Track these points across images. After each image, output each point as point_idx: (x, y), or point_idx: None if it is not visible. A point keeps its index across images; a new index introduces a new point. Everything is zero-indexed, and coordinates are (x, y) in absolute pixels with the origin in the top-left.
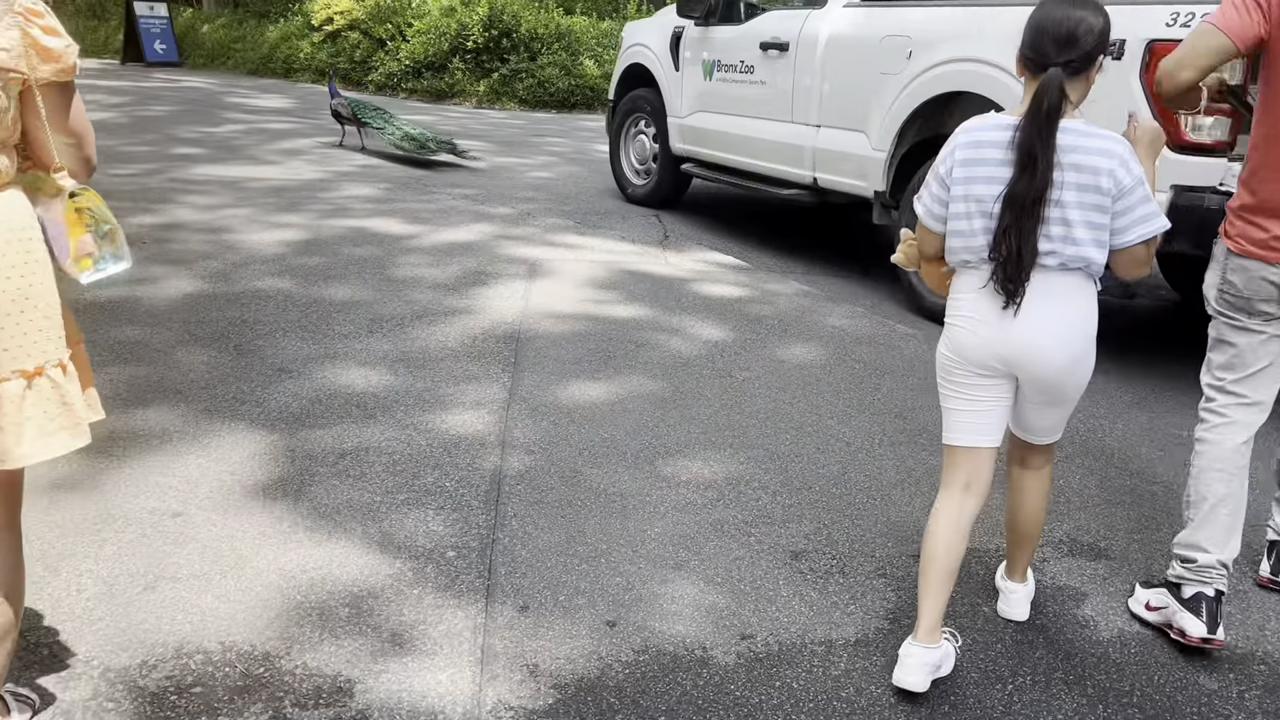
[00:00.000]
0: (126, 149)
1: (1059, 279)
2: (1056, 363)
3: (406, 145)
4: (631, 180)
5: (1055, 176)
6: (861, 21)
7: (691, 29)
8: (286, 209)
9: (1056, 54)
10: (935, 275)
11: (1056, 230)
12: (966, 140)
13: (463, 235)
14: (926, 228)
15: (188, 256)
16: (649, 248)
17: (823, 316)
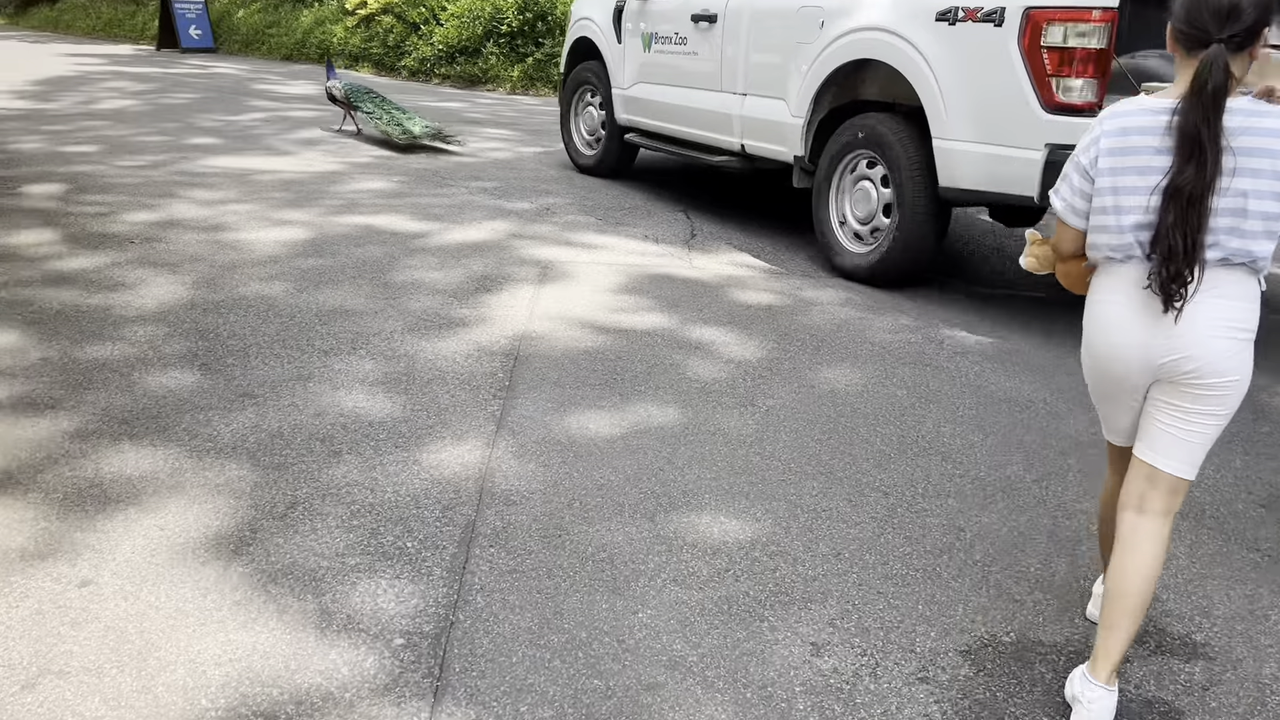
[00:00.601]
0: (139, 139)
1: (1223, 275)
2: (1220, 370)
3: (393, 131)
4: (582, 151)
5: (1225, 163)
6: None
7: (631, 3)
8: (292, 204)
9: (1218, 29)
10: (1075, 275)
11: (1224, 222)
12: (1113, 127)
13: (474, 234)
14: (1066, 223)
15: (175, 259)
16: (674, 248)
17: (862, 330)
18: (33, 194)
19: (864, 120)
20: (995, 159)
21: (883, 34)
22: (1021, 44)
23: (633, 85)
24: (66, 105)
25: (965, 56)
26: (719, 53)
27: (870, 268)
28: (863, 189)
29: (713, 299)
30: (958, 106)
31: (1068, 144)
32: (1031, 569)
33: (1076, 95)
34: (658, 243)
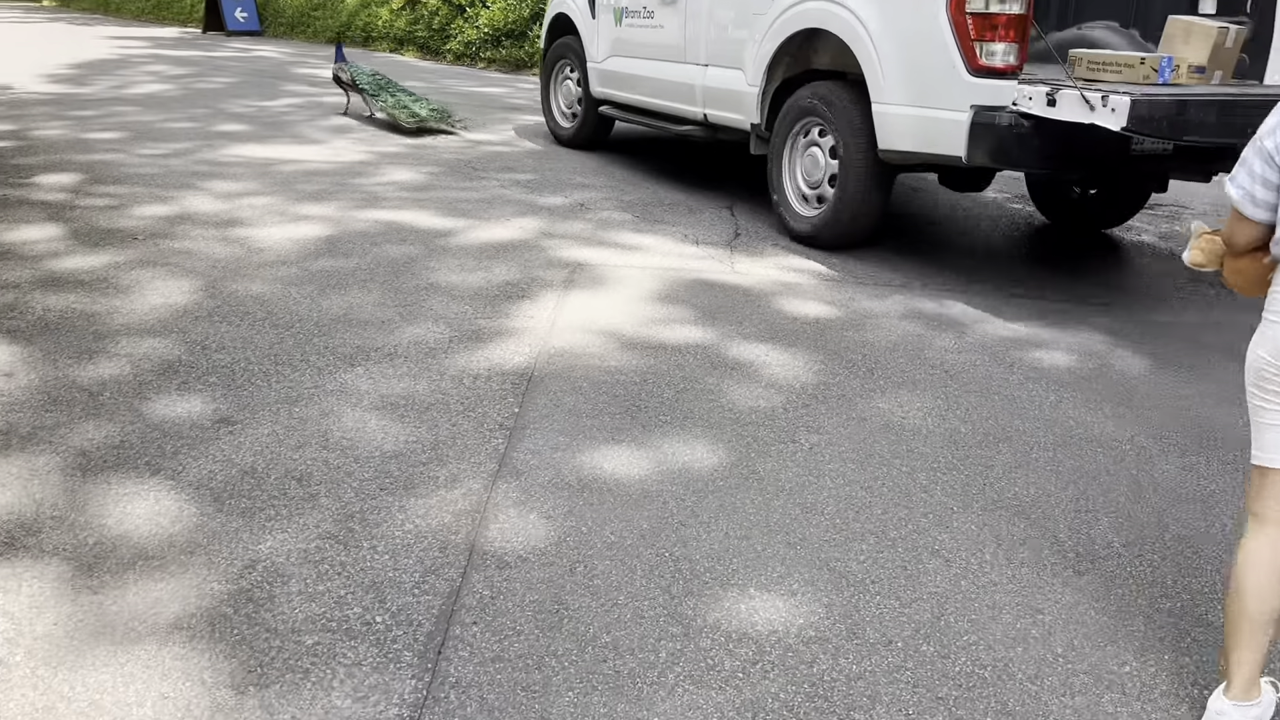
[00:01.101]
0: (167, 125)
1: None
2: None
3: (400, 115)
4: (560, 124)
5: None
6: None
7: None
8: (314, 198)
9: None
10: (1249, 274)
11: None
12: None
13: (502, 232)
14: (1242, 214)
15: (179, 258)
16: (715, 249)
17: (922, 349)
18: (45, 184)
19: (813, 88)
20: (926, 121)
21: (827, 4)
22: (949, 10)
23: (606, 59)
24: (99, 90)
25: (900, 24)
26: (683, 25)
27: (816, 230)
28: (812, 155)
29: (755, 309)
30: (893, 72)
31: (991, 105)
32: (1126, 668)
33: (999, 59)
34: (698, 244)
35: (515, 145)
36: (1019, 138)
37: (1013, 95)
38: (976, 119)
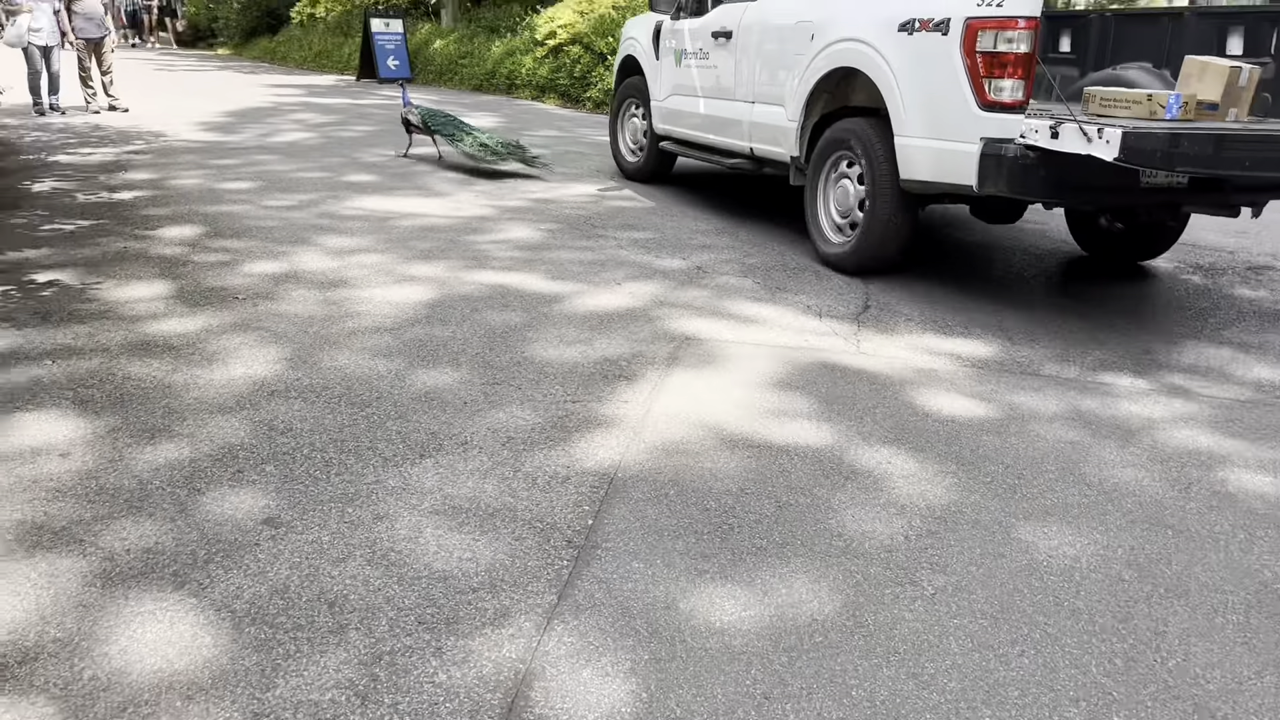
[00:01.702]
0: (299, 175)
1: None
2: None
3: (478, 153)
4: (626, 159)
5: None
6: (782, 9)
7: (668, 23)
8: (424, 256)
9: None
10: None
11: None
12: None
13: (611, 299)
14: None
15: (275, 322)
16: (841, 324)
17: (1082, 459)
18: (166, 237)
19: (844, 123)
20: (941, 153)
21: (857, 44)
22: (962, 50)
23: (667, 97)
24: (246, 138)
25: (919, 62)
26: (734, 66)
27: (845, 257)
28: (843, 186)
29: (880, 400)
30: (913, 107)
31: (999, 138)
32: None
33: (1007, 94)
34: (822, 316)
35: (639, 199)
36: (1025, 168)
37: (1020, 128)
38: (986, 150)
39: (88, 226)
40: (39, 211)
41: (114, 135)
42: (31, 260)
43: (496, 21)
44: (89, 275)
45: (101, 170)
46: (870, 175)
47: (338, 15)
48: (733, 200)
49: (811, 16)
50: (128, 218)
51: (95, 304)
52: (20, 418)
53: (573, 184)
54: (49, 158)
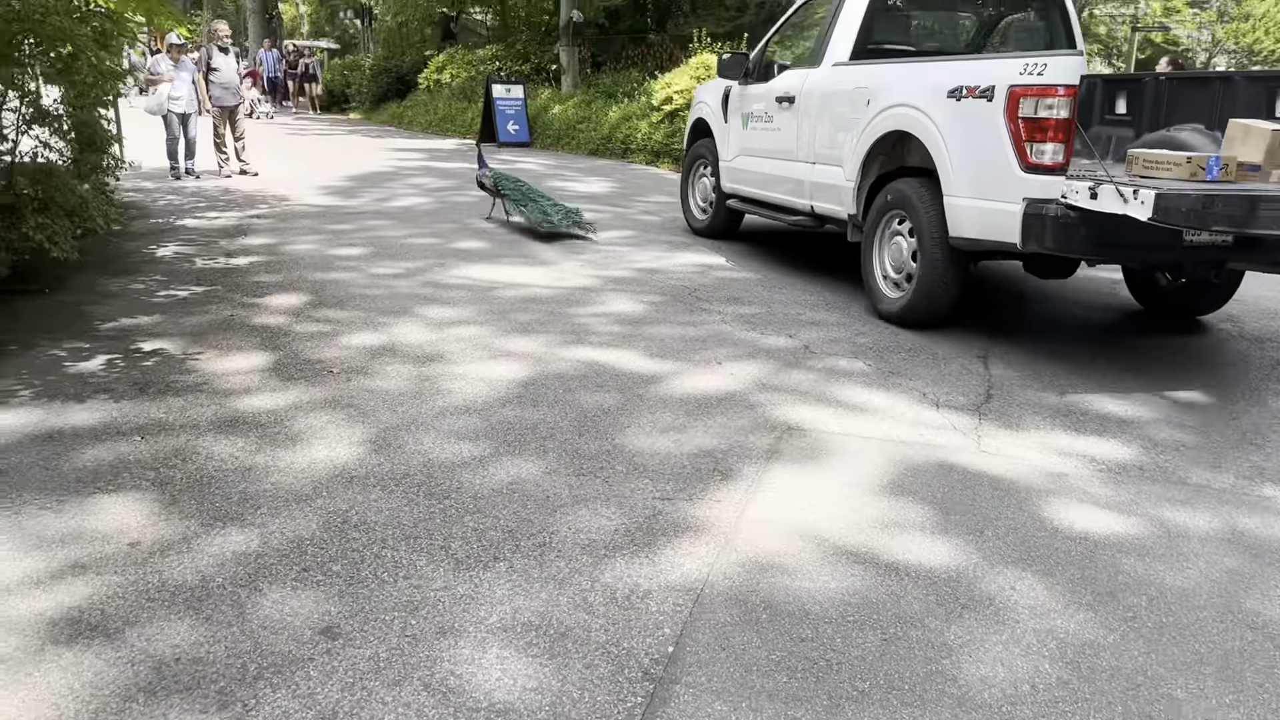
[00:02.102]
0: (410, 241)
1: None
2: None
3: (535, 219)
4: (696, 216)
5: None
6: (841, 77)
7: (736, 88)
8: (523, 330)
9: None
10: None
11: None
12: None
13: (710, 381)
14: None
15: (364, 399)
16: (960, 415)
17: (1246, 595)
18: (271, 305)
19: (897, 184)
20: (987, 212)
21: (910, 109)
22: (1006, 115)
23: (734, 158)
24: (363, 202)
25: (967, 127)
26: (796, 129)
27: (900, 312)
28: (897, 243)
29: (1004, 510)
30: (961, 169)
31: (1042, 198)
32: None
33: (1048, 158)
34: (939, 406)
35: (747, 269)
36: (1065, 227)
37: (1061, 189)
38: (1029, 210)
39: (200, 293)
40: (157, 277)
41: (241, 199)
42: (142, 327)
43: (614, 87)
44: (192, 345)
45: (223, 235)
46: (921, 232)
47: (462, 81)
48: (844, 271)
49: (868, 83)
50: (239, 284)
51: (193, 375)
52: (98, 500)
53: (679, 253)
54: (177, 221)
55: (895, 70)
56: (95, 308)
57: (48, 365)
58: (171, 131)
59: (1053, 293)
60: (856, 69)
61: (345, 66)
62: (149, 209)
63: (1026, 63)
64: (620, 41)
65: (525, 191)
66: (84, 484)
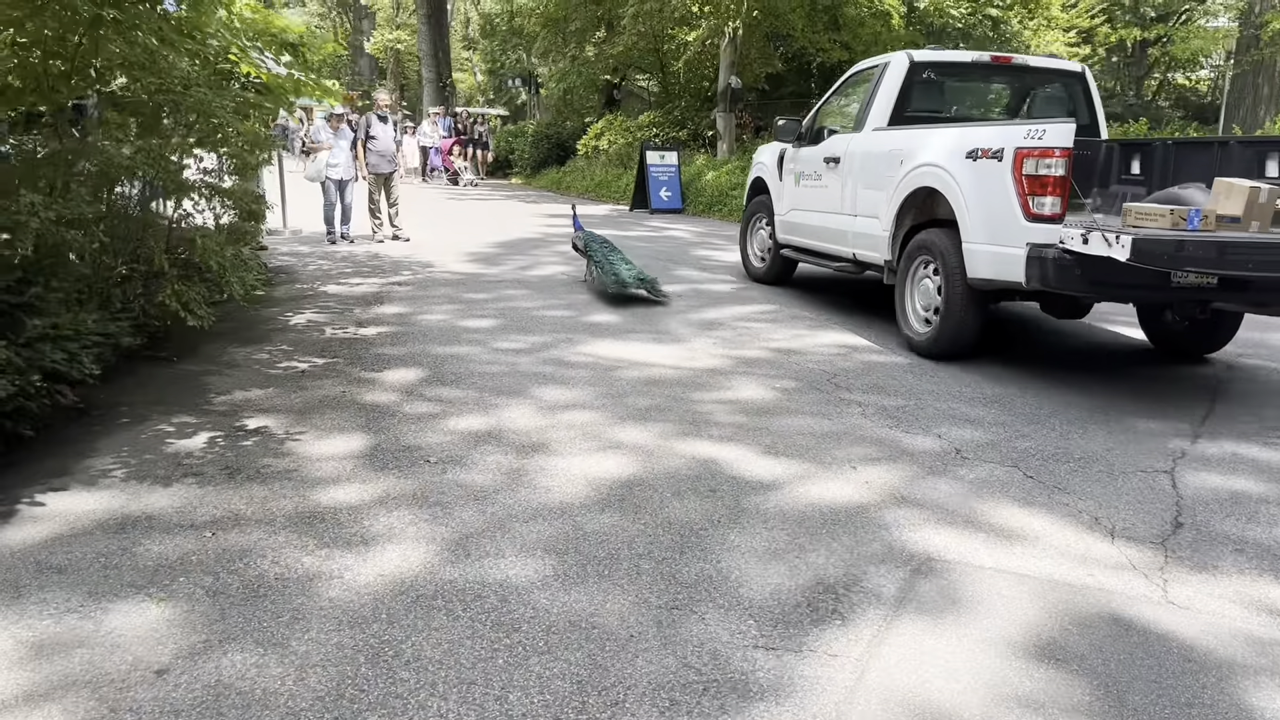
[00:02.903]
0: (541, 314)
1: None
2: None
3: (607, 280)
4: (754, 265)
5: None
6: (879, 140)
7: (790, 150)
8: (639, 417)
9: None
10: None
11: None
12: None
13: (838, 489)
14: None
15: (452, 497)
16: (1140, 549)
17: None
18: (387, 381)
19: (924, 234)
20: (998, 255)
21: (934, 168)
22: (1013, 173)
23: (788, 212)
24: (504, 270)
25: (981, 183)
26: (840, 185)
27: (927, 345)
28: (924, 285)
29: (1202, 694)
30: (977, 219)
31: (1042, 243)
32: None
33: (1047, 209)
34: (1114, 536)
35: (895, 352)
36: (1063, 268)
37: (1059, 235)
38: (1031, 253)
39: (320, 365)
40: (283, 346)
41: (387, 265)
42: (253, 401)
43: None
44: (296, 423)
45: (360, 302)
46: (946, 274)
47: (619, 147)
48: (1007, 359)
49: (901, 146)
50: (361, 356)
51: (286, 459)
52: (143, 608)
53: (820, 332)
54: (320, 287)
55: (924, 135)
56: (215, 378)
57: (150, 442)
58: (329, 197)
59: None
60: (892, 133)
61: (511, 133)
62: (298, 274)
63: (1030, 128)
64: (783, 107)
65: (606, 254)
66: (136, 589)
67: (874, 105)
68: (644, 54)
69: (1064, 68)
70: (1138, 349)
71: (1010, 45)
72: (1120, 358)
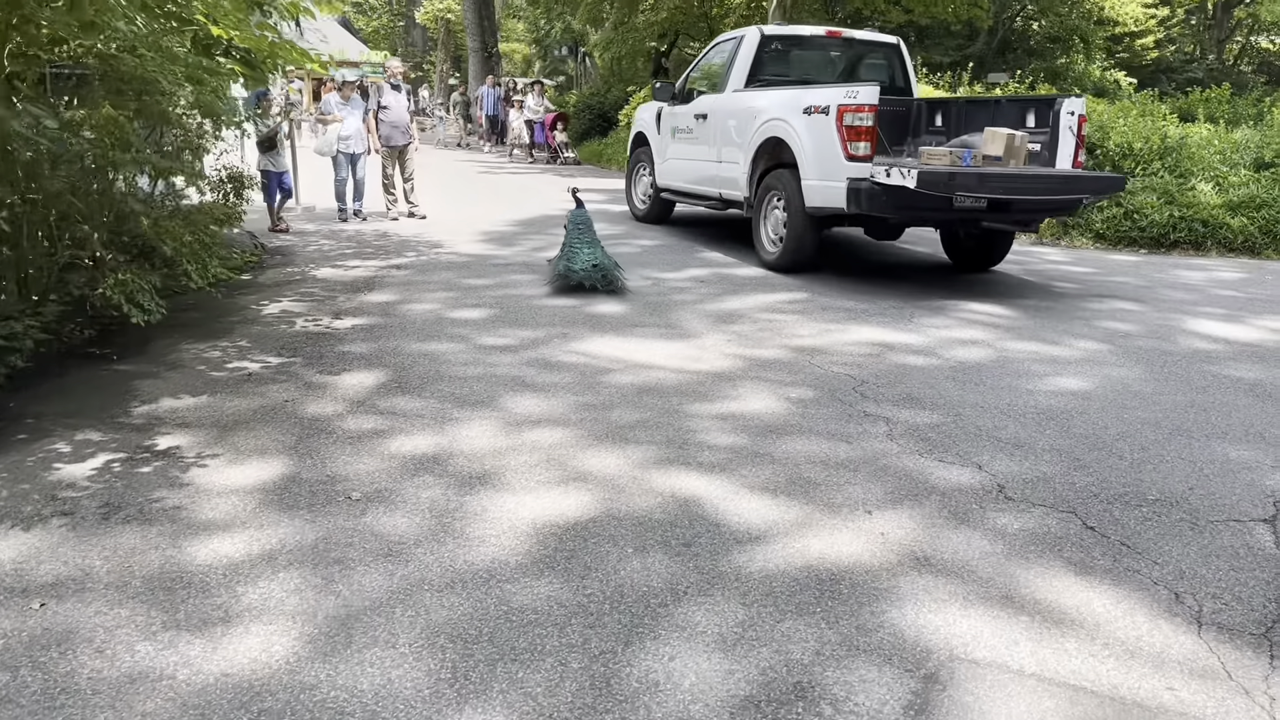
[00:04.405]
0: (545, 303)
1: None
2: None
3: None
4: (638, 206)
5: None
6: (738, 100)
7: (666, 108)
8: (619, 436)
9: None
10: None
11: None
12: None
13: (842, 546)
14: None
15: (360, 550)
16: (1235, 647)
17: None
18: (338, 388)
19: (773, 175)
20: (827, 188)
21: (780, 122)
22: (836, 124)
23: (665, 161)
24: (517, 251)
25: (814, 133)
26: (709, 136)
27: (776, 261)
28: (774, 214)
29: None
30: (811, 161)
31: (858, 177)
32: None
33: (861, 151)
34: (1199, 624)
35: (938, 353)
36: (872, 195)
37: (869, 171)
38: (850, 186)
39: (273, 367)
40: (241, 342)
41: (393, 245)
42: (177, 413)
43: None
44: (213, 443)
45: (348, 289)
46: (789, 205)
47: None
48: (1075, 358)
49: (754, 104)
50: (323, 355)
51: (180, 493)
52: None
53: (854, 326)
54: (312, 271)
55: (772, 95)
56: (148, 382)
57: (34, 467)
58: (339, 172)
59: None
60: (748, 94)
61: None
62: (295, 255)
63: (848, 89)
64: None
65: (575, 237)
66: None
67: (733, 70)
68: (692, 19)
69: (883, 40)
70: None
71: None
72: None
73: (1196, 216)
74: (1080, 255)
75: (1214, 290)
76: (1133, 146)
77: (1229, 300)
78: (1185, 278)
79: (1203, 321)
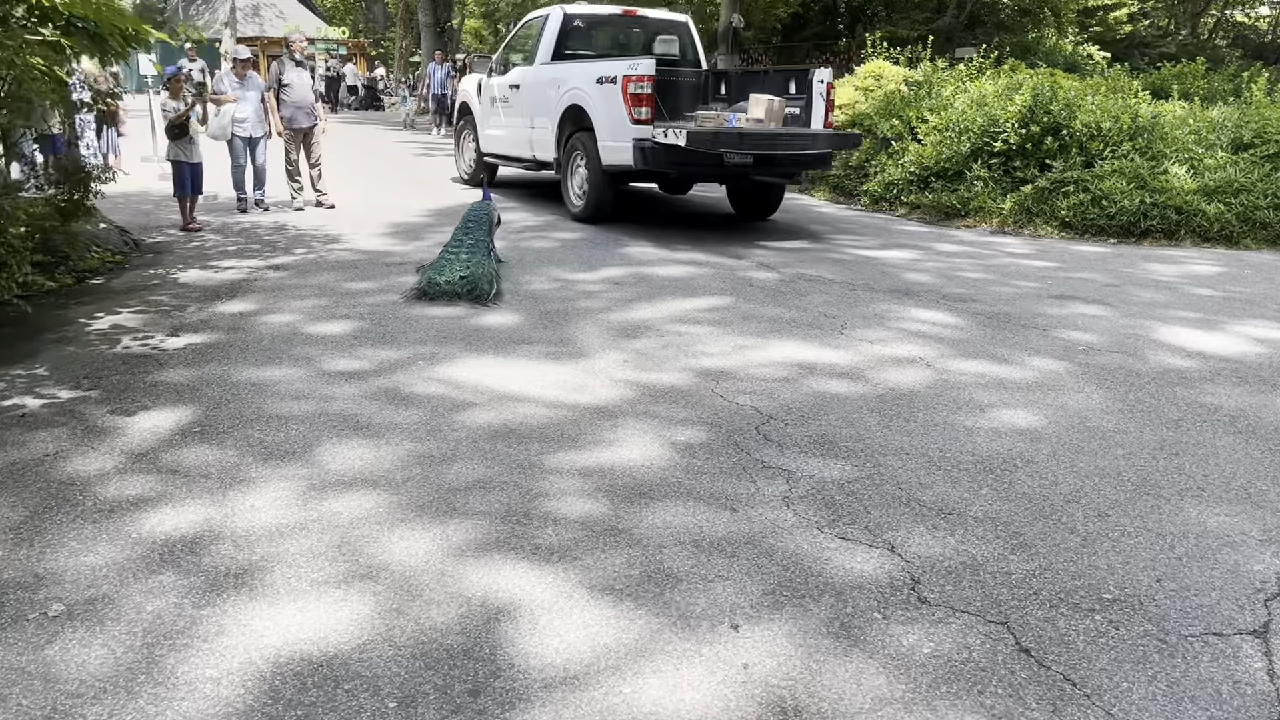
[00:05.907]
0: (425, 311)
1: None
2: None
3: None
4: (464, 172)
5: None
6: (545, 72)
7: (485, 79)
8: (446, 505)
9: None
10: None
11: None
12: None
13: (681, 698)
14: None
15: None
16: None
17: None
18: (126, 434)
19: (576, 137)
20: (617, 148)
21: (580, 91)
22: (622, 93)
23: (487, 128)
24: (419, 248)
25: (606, 100)
26: (522, 105)
27: (581, 213)
28: (580, 172)
29: None
30: (604, 125)
31: (641, 138)
32: None
33: (643, 116)
34: None
35: (865, 377)
36: (654, 153)
37: (650, 133)
38: (635, 145)
39: (59, 403)
40: (38, 370)
41: (283, 241)
42: None
43: None
44: None
45: (205, 297)
46: (589, 164)
47: None
48: (1029, 381)
49: (559, 76)
50: (130, 387)
51: None
52: None
53: (774, 341)
54: (176, 273)
55: (573, 67)
56: None
57: None
58: (236, 159)
59: None
60: (554, 66)
61: None
62: (168, 253)
63: (631, 62)
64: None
65: (453, 242)
66: None
67: (541, 45)
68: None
69: (674, 19)
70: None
71: None
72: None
73: (1169, 203)
74: (1043, 246)
75: (1188, 289)
76: (1100, 126)
77: (1205, 302)
78: (1157, 273)
79: (1176, 330)
